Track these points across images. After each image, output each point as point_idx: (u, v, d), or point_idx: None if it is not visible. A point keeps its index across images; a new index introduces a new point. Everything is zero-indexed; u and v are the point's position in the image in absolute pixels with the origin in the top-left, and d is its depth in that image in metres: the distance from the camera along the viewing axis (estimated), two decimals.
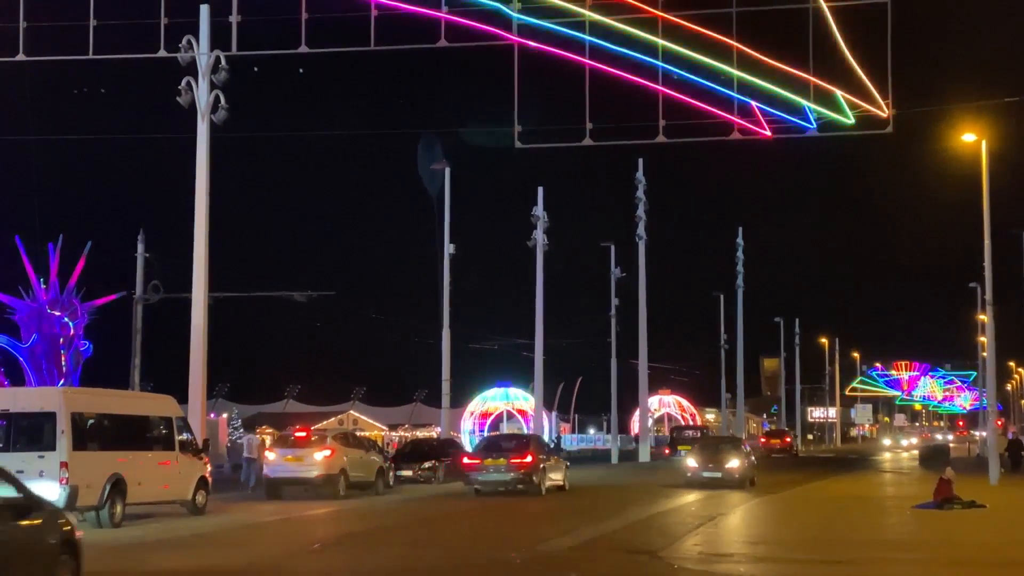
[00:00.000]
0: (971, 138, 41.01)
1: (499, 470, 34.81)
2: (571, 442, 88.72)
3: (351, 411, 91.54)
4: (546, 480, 35.32)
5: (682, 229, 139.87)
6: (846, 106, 34.02)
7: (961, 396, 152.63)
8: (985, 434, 70.57)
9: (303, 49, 33.95)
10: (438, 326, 54.16)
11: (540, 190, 59.93)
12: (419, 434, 76.16)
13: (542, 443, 41.21)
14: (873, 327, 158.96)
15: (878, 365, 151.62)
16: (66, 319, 50.52)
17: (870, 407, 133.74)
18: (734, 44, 33.77)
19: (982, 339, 64.22)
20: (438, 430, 65.35)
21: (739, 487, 37.06)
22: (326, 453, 33.51)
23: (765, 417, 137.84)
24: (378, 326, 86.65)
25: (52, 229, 52.53)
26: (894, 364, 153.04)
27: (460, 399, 72.42)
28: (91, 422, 25.01)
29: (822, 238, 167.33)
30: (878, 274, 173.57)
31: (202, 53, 35.63)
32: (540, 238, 59.12)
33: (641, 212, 69.01)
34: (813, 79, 33.83)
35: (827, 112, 34.13)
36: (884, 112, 33.68)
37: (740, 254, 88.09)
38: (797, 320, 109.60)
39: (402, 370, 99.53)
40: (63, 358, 50.22)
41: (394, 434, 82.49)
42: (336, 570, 18.53)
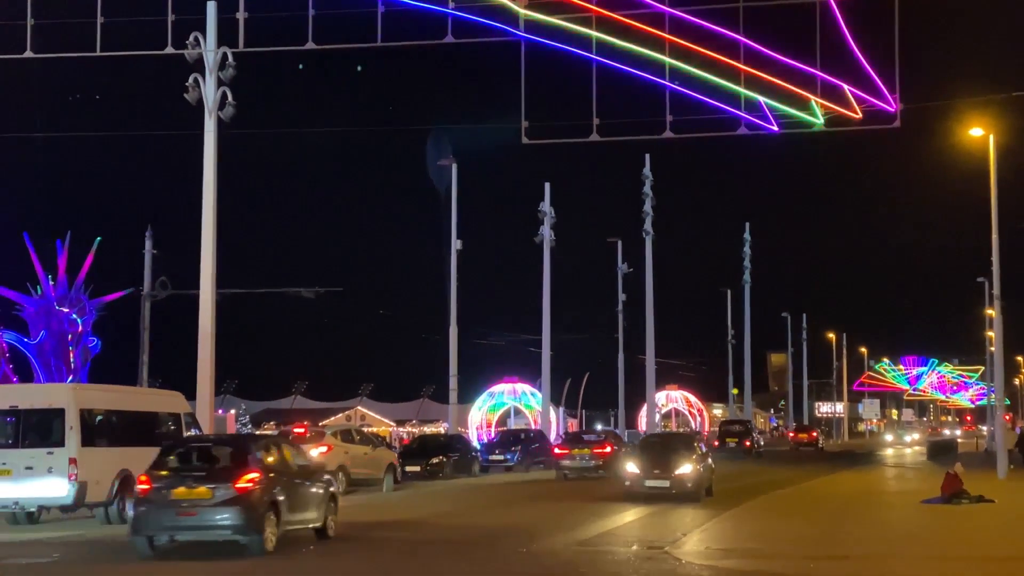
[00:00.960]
0: (979, 132, 40.95)
1: (584, 459, 42.20)
2: None
3: (359, 407, 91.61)
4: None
5: (689, 225, 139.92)
6: (853, 101, 33.96)
7: (966, 392, 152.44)
8: (993, 428, 70.55)
9: (310, 45, 33.97)
10: (445, 322, 54.23)
11: (547, 186, 59.93)
12: (427, 430, 76.23)
13: (619, 437, 51.80)
14: (881, 322, 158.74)
15: (885, 360, 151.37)
16: (74, 316, 50.57)
17: (877, 402, 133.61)
18: (741, 39, 33.74)
19: (990, 334, 64.13)
20: (445, 426, 65.40)
21: (692, 499, 29.61)
22: (322, 449, 33.28)
23: (772, 412, 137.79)
24: (386, 322, 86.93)
25: (60, 226, 52.65)
26: (903, 359, 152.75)
27: (467, 395, 72.45)
28: (100, 418, 25.06)
29: (829, 233, 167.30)
30: (886, 269, 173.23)
31: (209, 50, 35.62)
32: (547, 234, 59.12)
33: (648, 208, 68.94)
34: (820, 74, 33.79)
35: (834, 107, 34.08)
36: (892, 107, 33.63)
37: (747, 249, 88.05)
38: (804, 315, 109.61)
39: (409, 366, 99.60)
40: (71, 355, 50.28)
41: (402, 430, 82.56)
42: (340, 570, 18.53)
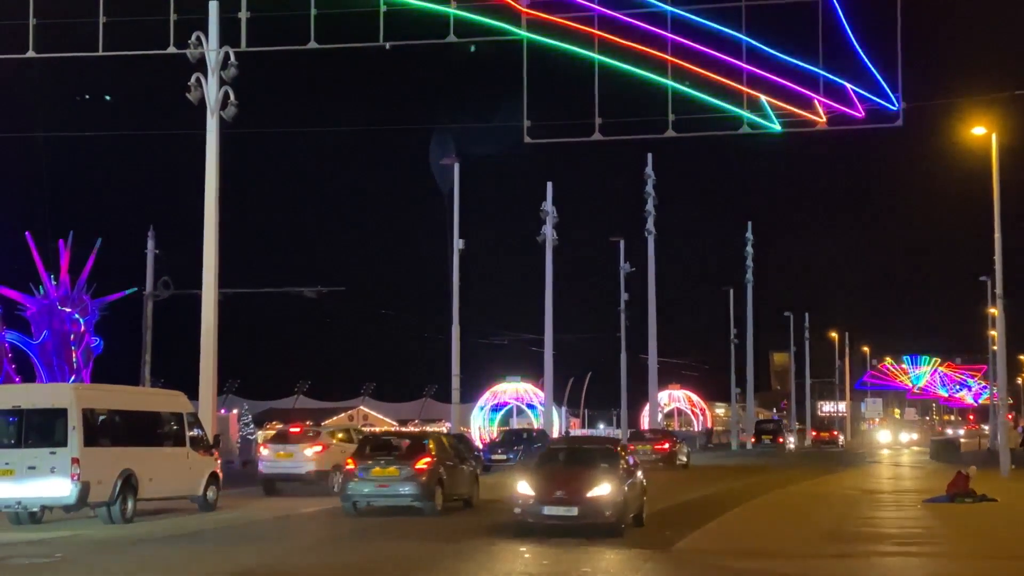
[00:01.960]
0: (981, 131, 40.95)
1: (647, 453, 49.53)
2: None
3: (361, 406, 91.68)
4: (679, 457, 52.24)
5: (692, 224, 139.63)
6: (856, 99, 33.94)
7: (969, 392, 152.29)
8: (994, 427, 70.48)
9: (312, 45, 33.97)
10: (448, 321, 54.22)
11: (549, 185, 59.92)
12: (429, 430, 76.22)
13: (675, 435, 59.58)
14: (883, 321, 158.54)
15: (888, 360, 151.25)
16: (77, 316, 50.65)
17: (880, 401, 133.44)
18: (743, 38, 33.74)
19: (993, 333, 64.10)
20: (448, 425, 65.40)
21: (610, 531, 21.34)
22: (317, 449, 33.16)
23: (775, 411, 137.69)
24: (388, 321, 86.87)
25: (62, 226, 52.70)
26: (902, 361, 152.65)
27: (470, 394, 72.47)
28: (102, 418, 25.04)
29: (832, 232, 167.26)
30: (888, 268, 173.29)
31: (211, 49, 35.64)
32: (549, 233, 59.11)
33: (650, 207, 68.97)
34: (823, 72, 33.78)
35: (837, 105, 34.06)
36: (894, 105, 33.61)
37: (749, 248, 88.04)
38: (807, 314, 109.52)
39: (412, 365, 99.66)
40: (74, 354, 50.35)
41: (404, 430, 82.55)
42: (348, 567, 18.53)
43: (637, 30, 34.01)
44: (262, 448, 34.55)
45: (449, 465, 27.34)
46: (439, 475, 26.53)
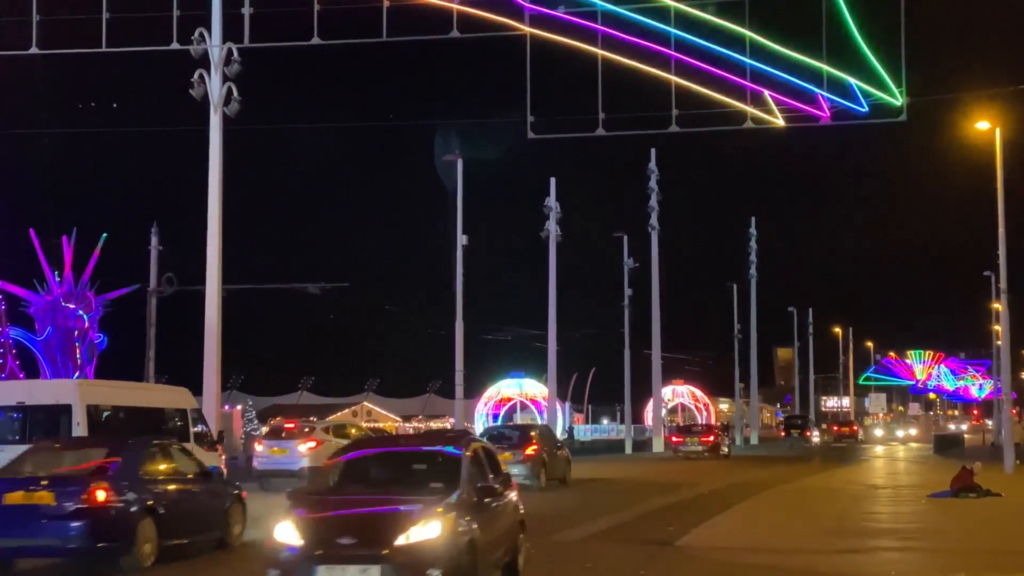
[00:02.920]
0: (985, 126, 40.88)
1: (694, 444, 57.45)
2: (584, 432, 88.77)
3: (365, 402, 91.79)
4: (722, 449, 58.85)
5: (695, 219, 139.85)
6: (860, 94, 33.93)
7: (976, 385, 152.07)
8: (997, 423, 70.43)
9: (315, 41, 33.97)
10: (451, 317, 54.19)
11: (552, 181, 59.89)
12: (432, 425, 76.30)
13: (720, 428, 67.09)
14: (887, 316, 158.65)
15: (892, 355, 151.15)
16: (80, 312, 50.65)
17: (884, 396, 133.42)
18: (747, 33, 33.71)
19: (997, 328, 64.06)
20: (452, 421, 65.44)
21: None
22: (311, 445, 32.92)
23: (779, 407, 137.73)
24: (391, 317, 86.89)
25: (66, 222, 52.71)
26: (907, 353, 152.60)
27: (473, 390, 72.50)
28: (106, 414, 25.09)
29: (835, 227, 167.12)
30: (892, 263, 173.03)
31: (214, 45, 35.63)
32: (553, 229, 59.08)
33: (654, 202, 68.92)
34: (826, 67, 33.76)
35: (841, 101, 34.05)
36: (898, 100, 33.58)
37: (753, 244, 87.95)
38: (811, 310, 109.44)
39: (415, 361, 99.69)
40: (78, 351, 50.36)
41: (408, 425, 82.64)
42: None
43: (640, 25, 34.01)
44: (256, 444, 34.34)
45: (549, 451, 34.28)
46: (543, 459, 33.38)
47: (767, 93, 34.23)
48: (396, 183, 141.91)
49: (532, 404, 78.34)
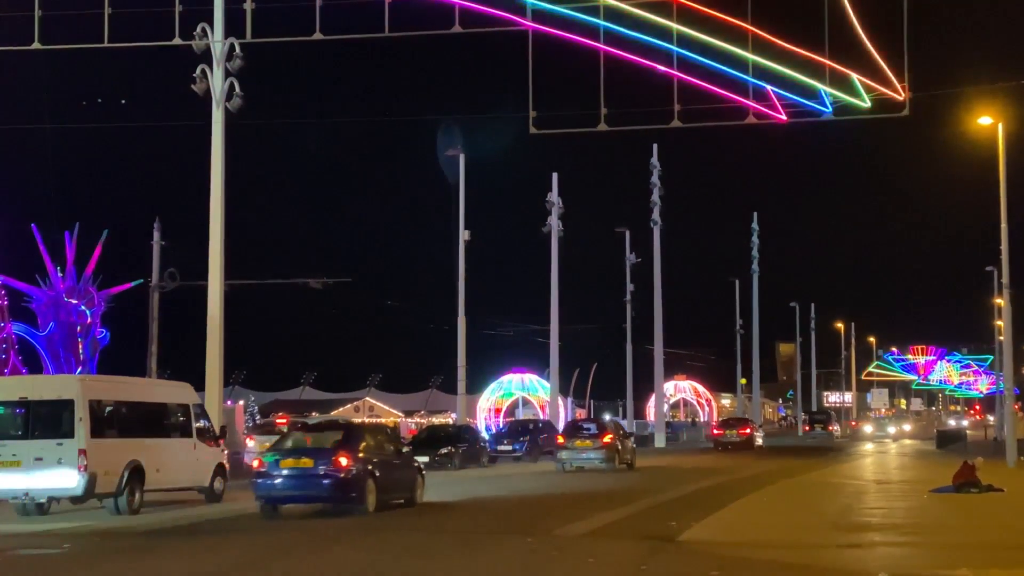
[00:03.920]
0: (988, 121, 40.87)
1: (733, 436, 65.12)
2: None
3: (367, 397, 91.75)
4: (756, 440, 66.85)
5: (697, 214, 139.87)
6: (862, 89, 33.89)
7: (979, 381, 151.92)
8: (998, 418, 70.43)
9: (317, 36, 33.95)
10: (453, 312, 54.24)
11: (555, 176, 59.94)
12: (435, 420, 76.29)
13: (754, 422, 73.21)
14: (889, 311, 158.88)
15: (894, 349, 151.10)
16: (83, 307, 50.71)
17: (886, 392, 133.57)
18: (749, 27, 33.67)
19: (999, 323, 64.04)
20: (454, 416, 65.45)
21: None
22: None
23: (781, 402, 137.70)
24: (394, 313, 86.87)
25: (69, 218, 52.74)
26: (910, 348, 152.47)
27: (476, 385, 72.51)
28: (109, 409, 25.09)
29: (838, 222, 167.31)
30: (894, 258, 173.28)
31: (216, 41, 35.65)
32: (555, 224, 59.11)
33: (656, 198, 68.95)
34: (828, 62, 33.71)
35: (843, 95, 34.02)
36: (900, 95, 33.55)
37: (755, 239, 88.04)
38: (813, 305, 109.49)
39: (418, 357, 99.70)
40: (80, 346, 50.42)
41: (410, 420, 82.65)
42: (351, 561, 18.54)
43: (641, 20, 33.97)
44: (248, 440, 33.85)
45: (620, 441, 40.92)
46: (617, 447, 40.12)
47: (769, 88, 34.20)
48: (398, 178, 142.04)
49: (536, 385, 78.25)
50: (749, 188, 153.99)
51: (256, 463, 24.67)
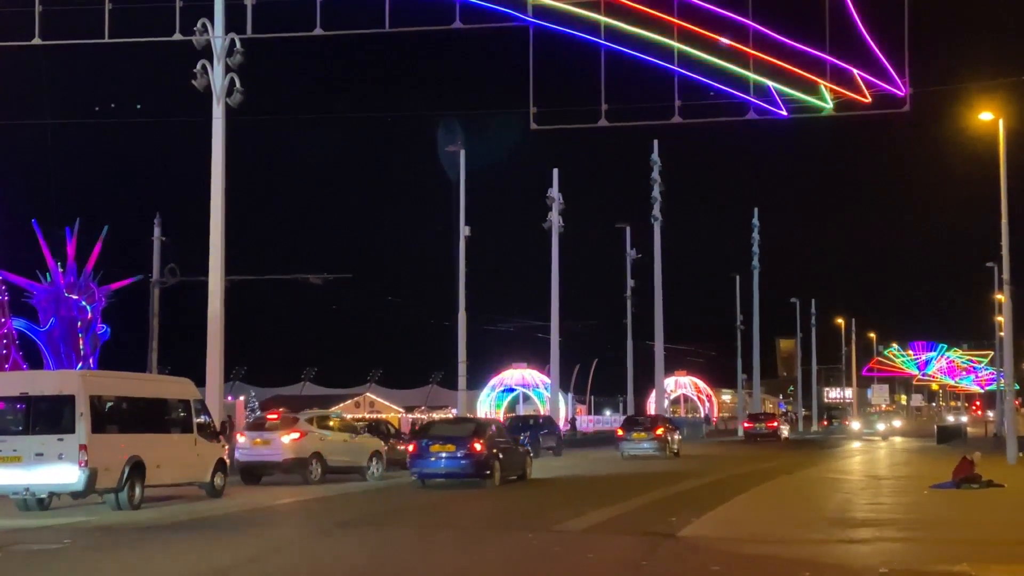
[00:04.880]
0: (988, 117, 40.84)
1: (762, 428, 73.98)
2: (587, 424, 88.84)
3: (367, 393, 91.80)
4: (782, 433, 76.40)
5: (698, 210, 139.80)
6: (863, 85, 33.88)
7: (971, 376, 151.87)
8: (998, 414, 70.42)
9: (318, 31, 33.94)
10: (454, 308, 54.24)
11: (555, 172, 59.90)
12: (435, 416, 76.31)
13: (780, 416, 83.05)
14: (890, 307, 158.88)
15: (894, 346, 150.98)
16: (84, 303, 50.66)
17: (887, 387, 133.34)
18: (750, 23, 33.67)
19: (1000, 319, 64.02)
20: (454, 412, 65.46)
21: None
22: (294, 436, 32.10)
23: (782, 398, 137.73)
24: (394, 308, 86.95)
25: (69, 213, 52.69)
26: (912, 345, 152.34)
27: (476, 381, 72.53)
28: (109, 405, 25.09)
29: (838, 218, 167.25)
30: (895, 254, 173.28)
31: (217, 36, 35.63)
32: (556, 220, 59.11)
33: (656, 193, 68.92)
34: (830, 58, 33.70)
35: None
36: (901, 91, 33.54)
37: (756, 235, 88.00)
38: (813, 301, 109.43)
39: (418, 352, 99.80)
40: (81, 341, 50.38)
41: (410, 416, 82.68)
42: (349, 553, 18.58)
43: (643, 16, 33.97)
44: (238, 436, 33.40)
45: (669, 433, 49.48)
46: (666, 438, 48.34)
47: (770, 84, 34.19)
48: (399, 174, 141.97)
49: (533, 392, 78.28)
50: (750, 184, 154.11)
51: (412, 447, 31.98)
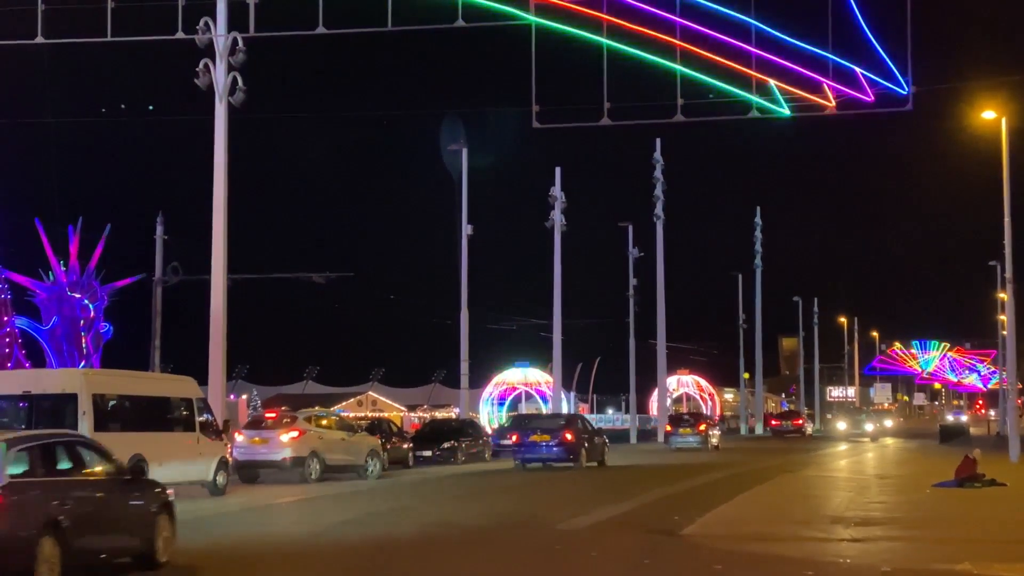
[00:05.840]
0: (991, 115, 40.81)
1: (788, 426, 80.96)
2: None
3: (370, 392, 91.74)
4: (807, 430, 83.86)
5: (700, 209, 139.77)
6: (866, 84, 33.86)
7: (979, 374, 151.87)
8: (1001, 413, 70.40)
9: (320, 30, 33.93)
10: (456, 307, 54.24)
11: (558, 170, 59.87)
12: (438, 415, 76.32)
13: (803, 414, 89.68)
14: (892, 306, 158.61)
15: (897, 345, 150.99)
16: (86, 301, 50.68)
17: (889, 386, 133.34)
18: (752, 22, 33.65)
19: (1002, 317, 64.01)
20: (457, 411, 65.47)
21: None
22: (292, 435, 32.01)
23: (784, 397, 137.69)
24: (397, 307, 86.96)
25: (71, 212, 52.72)
26: (919, 343, 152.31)
27: (478, 380, 72.51)
28: (112, 403, 25.12)
29: (841, 217, 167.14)
30: (897, 253, 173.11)
31: (219, 35, 35.63)
32: (558, 218, 59.09)
33: (659, 192, 68.93)
34: (832, 56, 33.69)
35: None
36: (904, 89, 33.52)
37: (758, 233, 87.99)
38: (816, 299, 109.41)
39: (420, 351, 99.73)
40: (84, 340, 50.40)
41: (413, 415, 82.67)
42: (360, 545, 18.59)
43: (645, 14, 33.96)
44: (236, 434, 33.26)
45: (711, 427, 57.43)
46: (708, 433, 55.86)
47: (773, 83, 34.18)
48: (401, 173, 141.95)
49: (536, 393, 78.26)
50: (752, 182, 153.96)
51: (514, 438, 40.50)
